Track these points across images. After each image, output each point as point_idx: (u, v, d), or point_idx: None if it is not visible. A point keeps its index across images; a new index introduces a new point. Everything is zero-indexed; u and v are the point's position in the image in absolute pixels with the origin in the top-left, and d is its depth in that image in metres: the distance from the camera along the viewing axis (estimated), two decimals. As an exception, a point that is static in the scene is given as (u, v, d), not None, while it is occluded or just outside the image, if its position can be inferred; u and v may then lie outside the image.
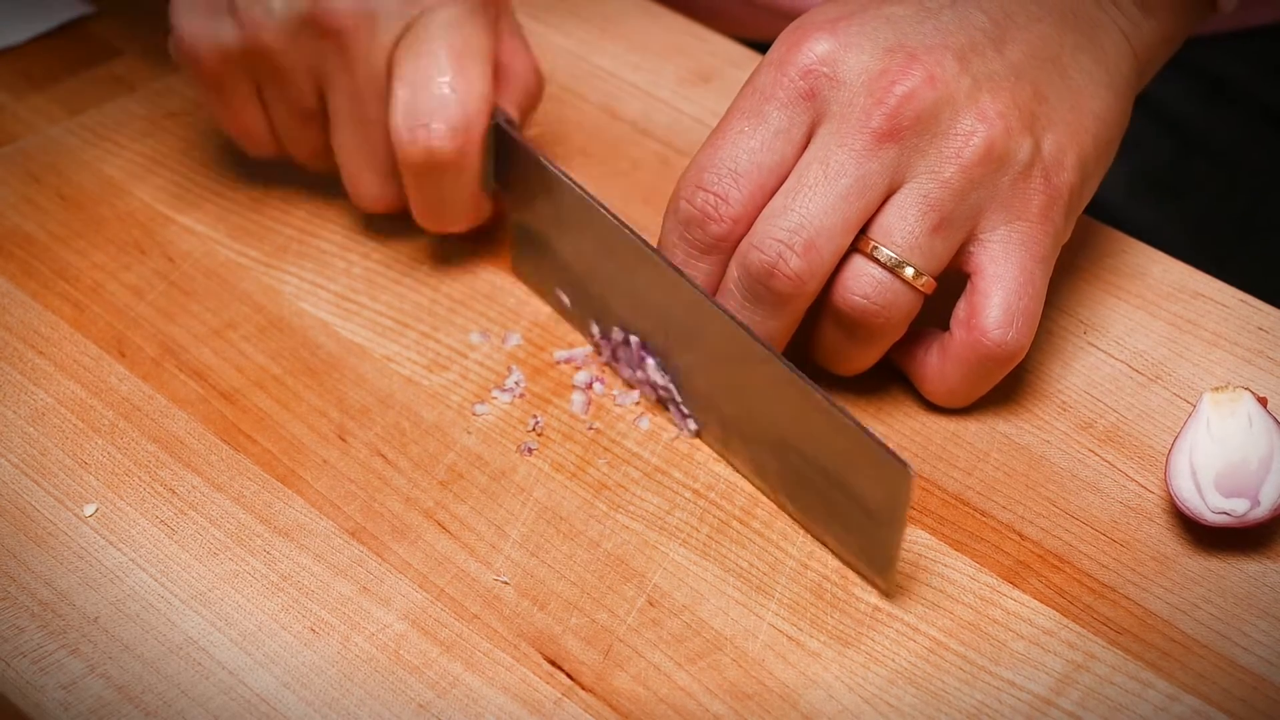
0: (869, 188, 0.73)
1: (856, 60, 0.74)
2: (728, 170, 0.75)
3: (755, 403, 0.73)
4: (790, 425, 0.72)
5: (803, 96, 0.74)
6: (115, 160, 0.89)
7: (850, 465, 0.70)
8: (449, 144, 0.78)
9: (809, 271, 0.73)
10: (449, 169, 0.79)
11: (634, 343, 0.78)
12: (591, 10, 0.97)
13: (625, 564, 0.72)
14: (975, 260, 0.75)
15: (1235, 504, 0.71)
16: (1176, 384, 0.78)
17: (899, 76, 0.74)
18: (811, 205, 0.73)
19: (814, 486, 0.72)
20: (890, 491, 0.69)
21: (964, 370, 0.76)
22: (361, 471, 0.75)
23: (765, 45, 0.78)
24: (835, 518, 0.72)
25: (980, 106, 0.74)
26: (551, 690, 0.68)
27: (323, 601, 0.71)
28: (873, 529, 0.70)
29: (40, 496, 0.74)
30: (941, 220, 0.74)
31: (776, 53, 0.76)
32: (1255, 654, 0.69)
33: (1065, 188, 0.76)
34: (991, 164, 0.74)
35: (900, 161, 0.74)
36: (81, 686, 0.68)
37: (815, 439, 0.71)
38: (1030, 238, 0.75)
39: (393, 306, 0.82)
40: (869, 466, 0.69)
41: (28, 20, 0.96)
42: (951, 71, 0.74)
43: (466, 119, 0.78)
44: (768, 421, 0.73)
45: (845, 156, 0.73)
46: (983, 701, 0.68)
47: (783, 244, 0.73)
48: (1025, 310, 0.75)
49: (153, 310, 0.82)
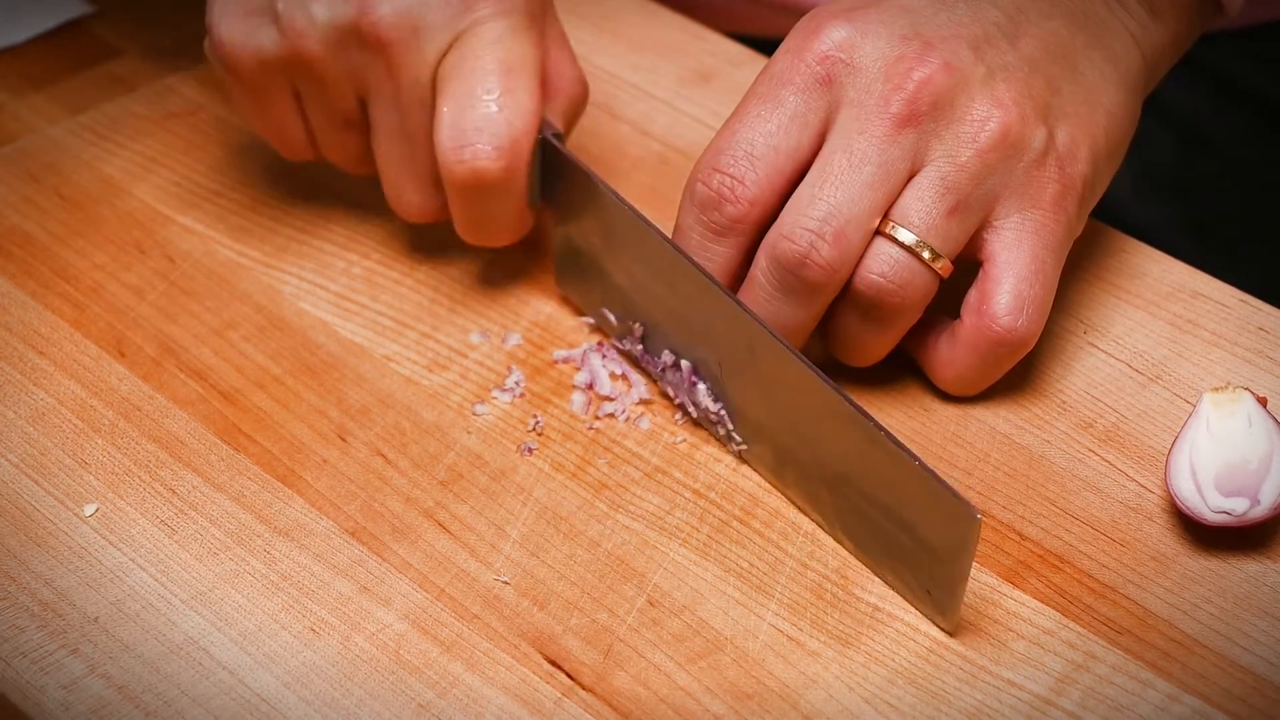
0: (892, 174, 0.74)
1: (873, 47, 0.75)
2: (744, 153, 0.75)
3: (814, 437, 0.72)
4: (851, 462, 0.71)
5: (820, 82, 0.75)
6: (115, 160, 0.89)
7: (913, 506, 0.69)
8: (496, 164, 0.77)
9: (840, 259, 0.74)
10: (496, 188, 0.78)
11: (685, 367, 0.77)
12: (591, 10, 0.97)
13: (625, 564, 0.72)
14: (988, 247, 0.76)
15: (1235, 503, 0.71)
16: (1176, 384, 0.78)
17: (916, 63, 0.74)
18: (839, 194, 0.73)
19: (873, 522, 0.71)
20: (955, 534, 0.68)
21: (974, 357, 0.76)
22: (361, 471, 0.75)
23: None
24: (895, 555, 0.71)
25: (995, 93, 0.75)
26: (552, 690, 0.68)
27: (323, 601, 0.71)
28: (935, 568, 0.69)
29: (40, 496, 0.74)
30: (958, 203, 0.74)
31: (794, 40, 0.76)
32: (1255, 654, 0.69)
33: (1079, 178, 0.76)
34: (1007, 149, 0.74)
35: (919, 146, 0.74)
36: (81, 686, 0.68)
37: (877, 477, 0.70)
38: (1043, 226, 0.75)
39: (393, 306, 0.82)
40: (934, 508, 0.68)
41: (28, 20, 0.96)
42: (967, 60, 0.75)
43: (514, 138, 0.77)
44: (827, 456, 0.72)
45: (867, 143, 0.74)
46: (983, 701, 0.68)
47: (814, 233, 0.73)
48: (1036, 298, 0.75)
49: (153, 310, 0.82)
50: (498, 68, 0.77)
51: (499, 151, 0.77)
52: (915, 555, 0.70)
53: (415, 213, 0.82)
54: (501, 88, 0.77)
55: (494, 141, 0.77)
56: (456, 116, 0.77)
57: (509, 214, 0.79)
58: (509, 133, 0.77)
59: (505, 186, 0.78)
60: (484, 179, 0.77)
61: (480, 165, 0.77)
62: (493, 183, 0.77)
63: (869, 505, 0.71)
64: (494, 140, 0.77)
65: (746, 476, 0.75)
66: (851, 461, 0.71)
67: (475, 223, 0.80)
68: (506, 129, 0.77)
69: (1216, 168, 1.02)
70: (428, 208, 0.81)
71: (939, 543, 0.69)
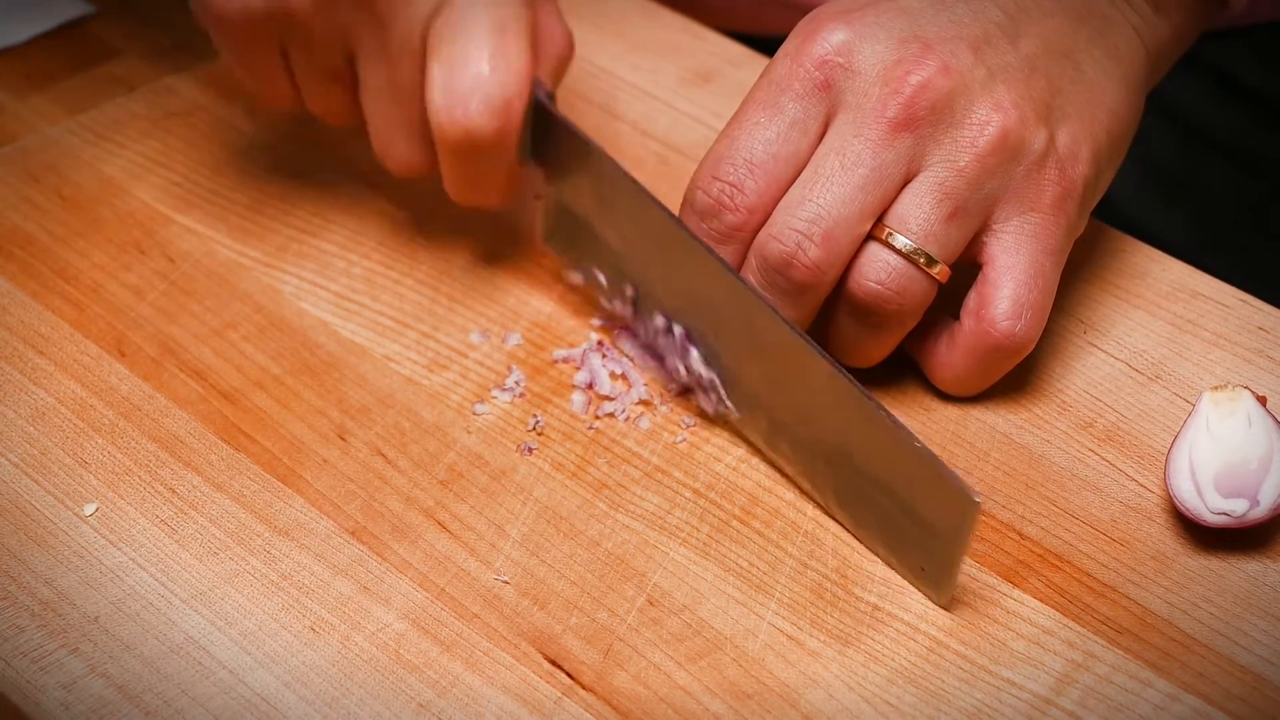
0: (885, 178, 0.74)
1: (872, 50, 0.75)
2: (743, 160, 0.75)
3: (811, 411, 0.73)
4: (849, 438, 0.71)
5: (818, 87, 0.75)
6: (115, 160, 0.89)
7: (912, 486, 0.70)
8: (489, 124, 0.77)
9: (827, 261, 0.74)
10: (488, 149, 0.77)
11: (678, 333, 0.77)
12: (591, 10, 0.97)
13: (625, 563, 0.72)
14: (988, 250, 0.76)
15: (1235, 504, 0.71)
16: (1176, 384, 0.78)
17: (914, 66, 0.74)
18: (829, 195, 0.73)
19: (868, 498, 0.71)
20: (954, 516, 0.68)
21: (972, 360, 0.76)
22: (361, 471, 0.75)
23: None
24: (890, 530, 0.71)
25: (995, 96, 0.75)
26: (551, 690, 0.68)
27: (323, 601, 0.71)
28: (931, 546, 0.70)
29: (40, 496, 0.74)
30: (957, 208, 0.74)
31: (792, 44, 0.76)
32: (1255, 654, 0.69)
33: (1079, 180, 0.76)
34: (1006, 153, 0.74)
35: (916, 151, 0.74)
36: (81, 686, 0.68)
37: (876, 456, 0.71)
38: (1043, 230, 0.75)
39: (393, 306, 0.82)
40: (933, 490, 0.69)
41: (28, 20, 0.96)
42: (966, 62, 0.75)
43: (507, 99, 0.77)
44: (823, 430, 0.72)
45: (862, 146, 0.74)
46: (983, 701, 0.68)
47: (801, 234, 0.73)
48: (1035, 303, 0.75)
49: (153, 310, 0.82)
50: (490, 27, 0.77)
51: (492, 112, 0.76)
52: (911, 532, 0.70)
53: (404, 166, 0.81)
54: (494, 47, 0.76)
55: (487, 102, 0.76)
56: (449, 77, 0.76)
57: (499, 174, 0.79)
58: (502, 93, 0.76)
59: (498, 147, 0.77)
60: (477, 140, 0.77)
61: (474, 126, 0.76)
62: (486, 143, 0.77)
63: (865, 481, 0.71)
64: (487, 101, 0.76)
65: (746, 476, 0.75)
66: (848, 437, 0.71)
67: (465, 182, 0.80)
68: (500, 90, 0.76)
69: (1219, 165, 1.02)
70: (417, 162, 0.81)
71: (937, 522, 0.69)
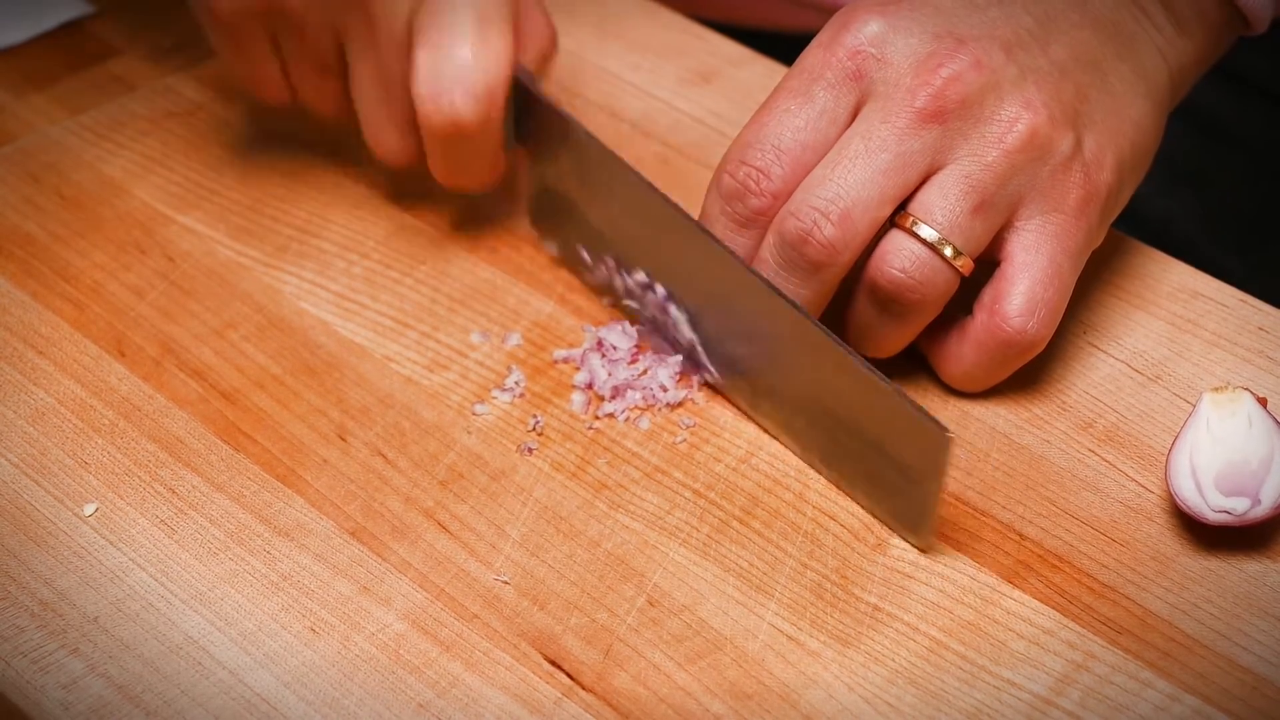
0: (909, 165, 0.74)
1: (905, 43, 0.75)
2: (771, 146, 0.75)
3: (787, 366, 0.74)
4: (824, 389, 0.73)
5: (850, 77, 0.75)
6: (115, 160, 0.89)
7: (887, 429, 0.71)
8: (473, 111, 0.78)
9: (843, 241, 0.74)
10: (473, 135, 0.79)
11: (660, 291, 0.78)
12: (591, 10, 0.97)
13: (625, 564, 0.72)
14: (1007, 247, 0.76)
15: (1235, 503, 0.71)
16: (1176, 384, 0.78)
17: (946, 59, 0.74)
18: (850, 177, 0.74)
19: (847, 447, 0.73)
20: (929, 454, 0.70)
21: (981, 355, 0.76)
22: (361, 471, 0.75)
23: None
24: (869, 477, 0.73)
25: (1025, 94, 0.75)
26: (551, 690, 0.68)
27: (323, 601, 0.71)
28: (909, 489, 0.71)
29: (40, 496, 0.74)
30: (982, 202, 0.74)
31: (826, 34, 0.76)
32: (1255, 654, 0.69)
33: (1104, 186, 0.76)
34: (1034, 151, 0.75)
35: (942, 143, 0.74)
36: (81, 686, 0.68)
37: (850, 403, 0.72)
38: (1064, 230, 0.76)
39: (393, 306, 0.82)
40: (906, 430, 0.70)
41: (28, 20, 0.96)
42: (998, 60, 0.75)
43: (490, 86, 0.78)
44: (800, 385, 0.74)
45: (887, 132, 0.74)
46: (983, 701, 0.68)
47: (819, 211, 0.74)
48: (1049, 302, 0.75)
49: (153, 310, 0.82)
50: (472, 16, 0.78)
51: (475, 100, 0.78)
52: (889, 476, 0.71)
53: (394, 155, 0.83)
54: (476, 35, 0.78)
55: (470, 90, 0.78)
56: (432, 65, 0.78)
57: (484, 159, 0.81)
58: (485, 80, 0.78)
59: (482, 133, 0.79)
60: (461, 127, 0.78)
61: (457, 113, 0.78)
62: (469, 130, 0.79)
63: (843, 431, 0.73)
64: (470, 89, 0.78)
65: (746, 477, 0.75)
66: (822, 388, 0.73)
67: (451, 168, 0.81)
68: (482, 77, 0.78)
69: (1231, 158, 1.02)
70: (405, 150, 0.83)
71: (913, 463, 0.70)
